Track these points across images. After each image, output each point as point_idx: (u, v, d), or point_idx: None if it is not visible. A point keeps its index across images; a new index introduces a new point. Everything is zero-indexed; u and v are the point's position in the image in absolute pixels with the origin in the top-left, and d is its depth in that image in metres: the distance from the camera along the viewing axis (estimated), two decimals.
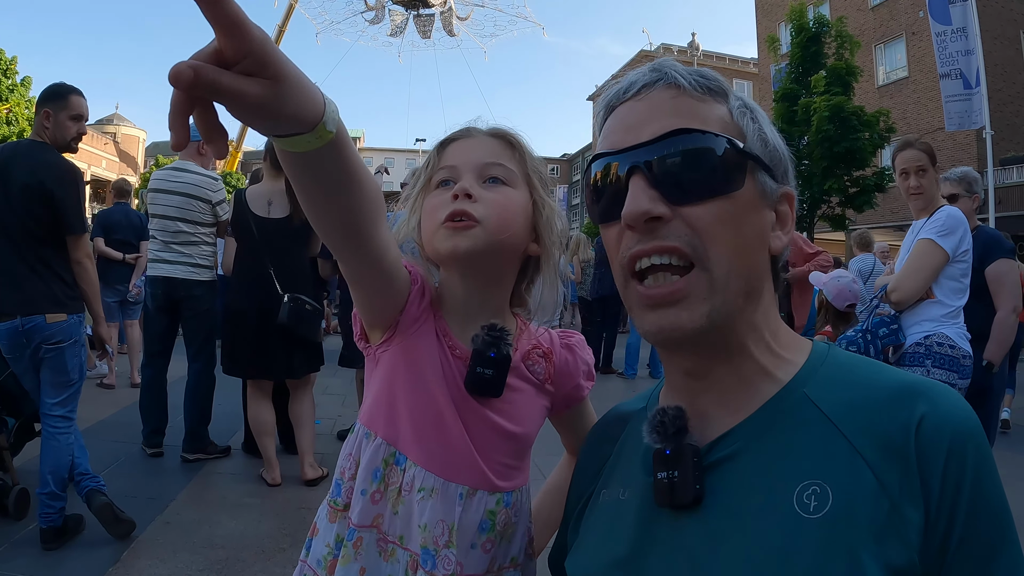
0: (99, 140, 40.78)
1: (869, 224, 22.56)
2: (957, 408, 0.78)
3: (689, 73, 0.90)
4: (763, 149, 0.89)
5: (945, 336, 3.54)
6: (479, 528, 1.20)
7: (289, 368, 4.92)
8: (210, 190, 5.46)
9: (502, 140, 1.28)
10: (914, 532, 0.73)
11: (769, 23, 33.87)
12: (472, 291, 1.25)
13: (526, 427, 1.27)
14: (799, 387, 0.86)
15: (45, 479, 3.62)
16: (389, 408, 1.22)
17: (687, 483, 0.84)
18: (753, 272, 0.87)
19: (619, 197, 0.87)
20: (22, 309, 3.61)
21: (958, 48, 14.11)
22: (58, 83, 3.92)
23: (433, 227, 1.21)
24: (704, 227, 0.83)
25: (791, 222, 0.92)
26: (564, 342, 1.38)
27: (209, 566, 3.56)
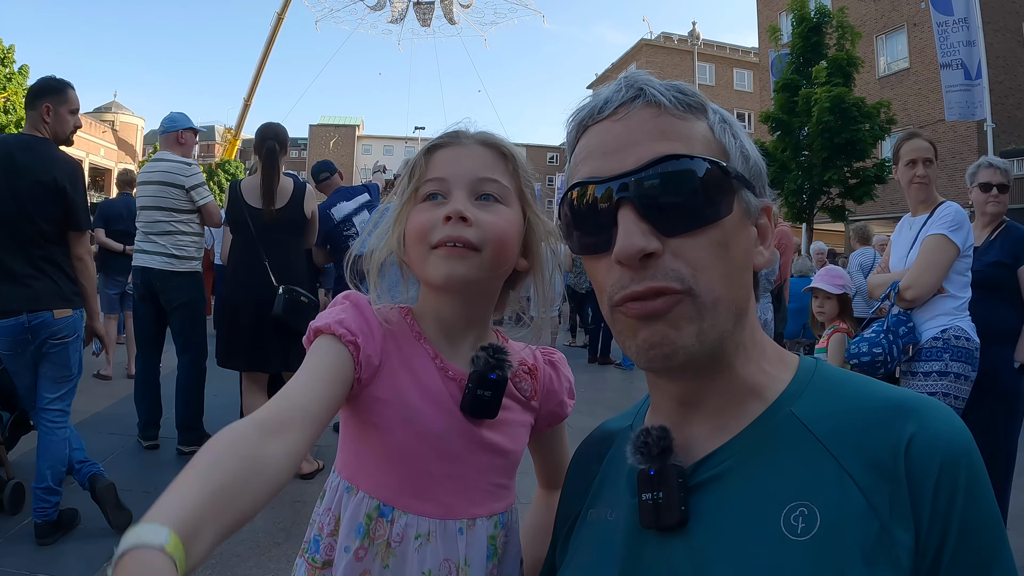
0: (97, 128, 40.59)
1: (868, 215, 22.52)
2: (948, 426, 0.77)
3: (667, 89, 0.86)
4: (745, 165, 0.87)
5: (961, 329, 3.52)
6: (486, 557, 1.17)
7: (285, 360, 4.90)
8: (182, 175, 5.39)
9: (494, 150, 1.20)
10: (904, 554, 0.71)
11: (770, 12, 33.71)
12: (458, 311, 1.20)
13: (515, 444, 1.24)
14: (786, 405, 0.84)
15: (43, 474, 3.62)
16: (376, 458, 1.16)
17: (672, 505, 0.82)
18: (741, 293, 0.85)
19: (605, 228, 0.83)
20: (28, 305, 3.59)
21: (960, 39, 14.07)
22: (52, 77, 3.92)
23: (423, 249, 1.13)
24: (695, 258, 0.81)
25: (771, 235, 0.90)
26: (547, 359, 1.33)
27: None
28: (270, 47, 43.10)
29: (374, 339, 1.13)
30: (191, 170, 5.48)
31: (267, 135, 5.04)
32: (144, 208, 5.36)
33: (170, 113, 5.67)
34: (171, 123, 5.58)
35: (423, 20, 35.53)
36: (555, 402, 1.31)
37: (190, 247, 5.46)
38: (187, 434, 5.34)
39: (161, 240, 5.33)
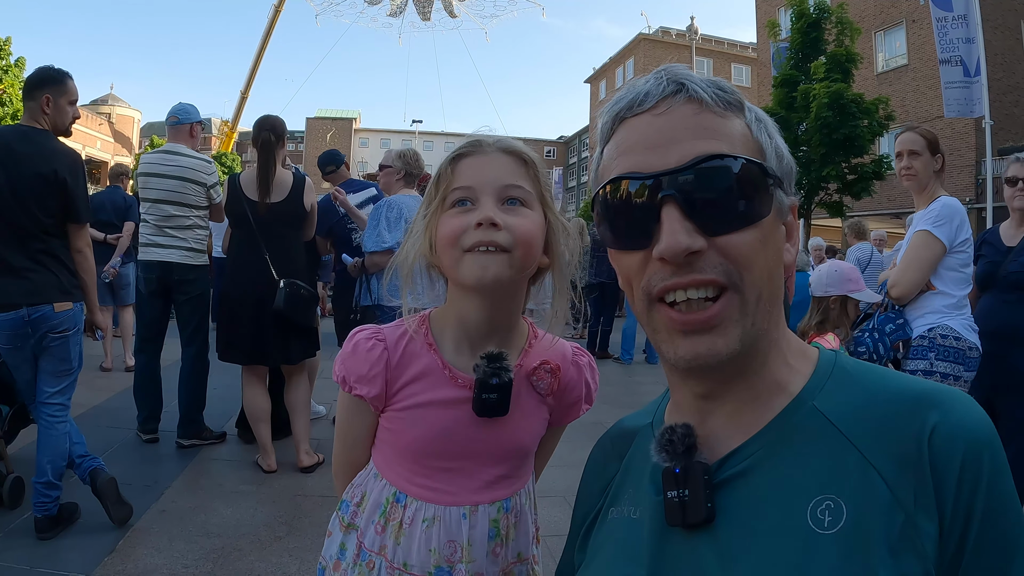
0: (94, 121, 40.49)
1: (866, 211, 22.57)
2: (971, 416, 0.77)
3: (708, 85, 0.86)
4: (779, 164, 0.87)
5: (949, 328, 3.48)
6: (488, 538, 1.32)
7: (285, 354, 4.91)
8: (204, 173, 5.44)
9: (515, 158, 1.29)
10: (929, 543, 0.72)
11: (769, 8, 33.71)
12: (484, 314, 1.29)
13: (528, 439, 1.38)
14: (809, 399, 0.84)
15: (43, 468, 3.60)
16: (394, 454, 1.36)
17: (698, 502, 0.83)
18: (777, 290, 0.86)
19: (645, 224, 0.83)
20: (29, 299, 3.57)
21: (959, 35, 14.07)
22: (50, 67, 3.87)
23: (456, 253, 1.23)
24: (740, 256, 0.81)
25: (797, 232, 0.91)
26: (575, 359, 1.43)
27: (205, 555, 3.55)
28: (267, 40, 43.12)
29: (377, 377, 1.32)
30: (211, 168, 5.52)
31: (263, 127, 5.03)
32: (159, 202, 5.32)
33: (181, 104, 5.62)
34: (185, 114, 5.55)
35: (423, 14, 35.53)
36: (569, 402, 1.43)
37: (204, 240, 5.54)
38: (187, 427, 5.34)
39: (181, 234, 5.34)
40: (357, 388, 1.32)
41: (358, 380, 1.32)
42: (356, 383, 1.32)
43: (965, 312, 3.54)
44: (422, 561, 1.29)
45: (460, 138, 1.37)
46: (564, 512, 1.13)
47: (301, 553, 3.62)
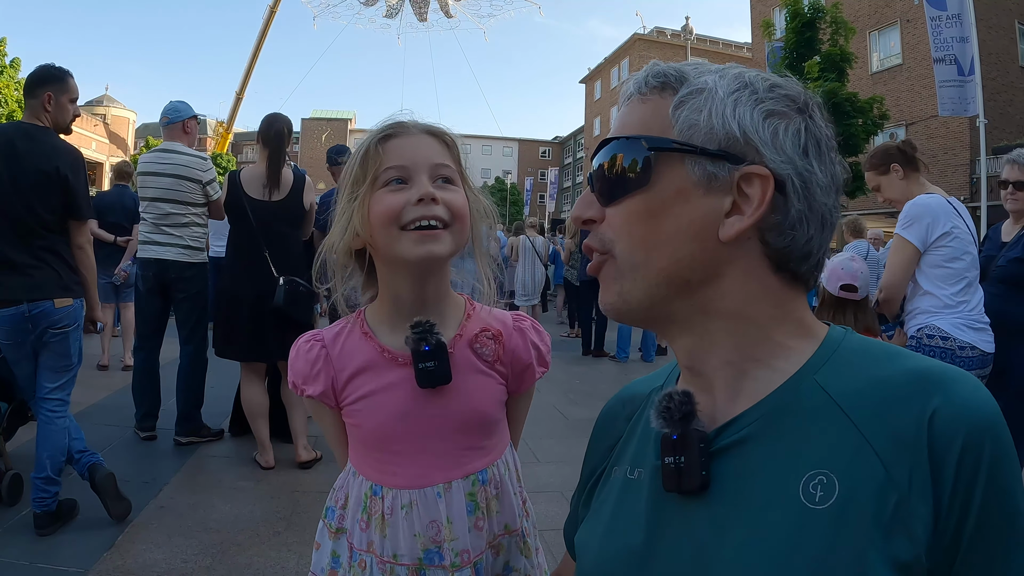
0: (89, 122, 40.49)
1: (862, 211, 22.57)
2: (975, 398, 0.75)
3: (646, 74, 0.92)
4: (707, 133, 0.85)
5: (937, 328, 3.48)
6: (467, 512, 1.34)
7: (283, 350, 4.87)
8: (199, 170, 5.42)
9: (439, 139, 1.36)
10: (921, 528, 0.71)
11: (763, 8, 33.77)
12: (420, 290, 1.34)
13: (484, 406, 1.39)
14: (810, 374, 0.84)
15: (42, 464, 3.61)
16: (360, 448, 1.40)
17: (693, 469, 0.83)
18: (681, 262, 0.85)
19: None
20: (29, 295, 3.58)
21: (953, 34, 14.07)
22: (51, 65, 3.89)
23: (393, 231, 1.27)
24: (616, 224, 0.89)
25: (757, 203, 0.83)
26: (516, 324, 1.47)
27: (204, 550, 3.56)
28: (262, 40, 43.03)
29: (319, 374, 1.37)
30: (207, 164, 5.50)
31: (278, 120, 5.06)
32: (155, 200, 5.32)
33: (172, 102, 5.61)
34: (176, 113, 5.54)
35: (419, 14, 35.51)
36: (521, 367, 1.45)
37: (202, 238, 5.53)
38: (185, 424, 5.34)
39: (177, 232, 5.34)
40: (306, 389, 1.37)
41: (304, 381, 1.38)
42: (303, 384, 1.38)
43: (960, 309, 3.50)
44: (410, 548, 1.30)
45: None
46: (562, 507, 1.14)
47: (299, 548, 3.63)
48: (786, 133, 0.85)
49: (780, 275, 0.87)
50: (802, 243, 0.85)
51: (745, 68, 0.91)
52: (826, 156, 0.88)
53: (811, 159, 0.86)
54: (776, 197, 0.83)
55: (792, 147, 0.85)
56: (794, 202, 0.84)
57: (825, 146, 0.88)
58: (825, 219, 0.87)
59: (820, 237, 0.87)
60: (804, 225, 0.85)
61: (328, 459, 5.05)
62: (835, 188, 0.88)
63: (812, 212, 0.85)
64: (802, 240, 0.85)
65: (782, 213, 0.84)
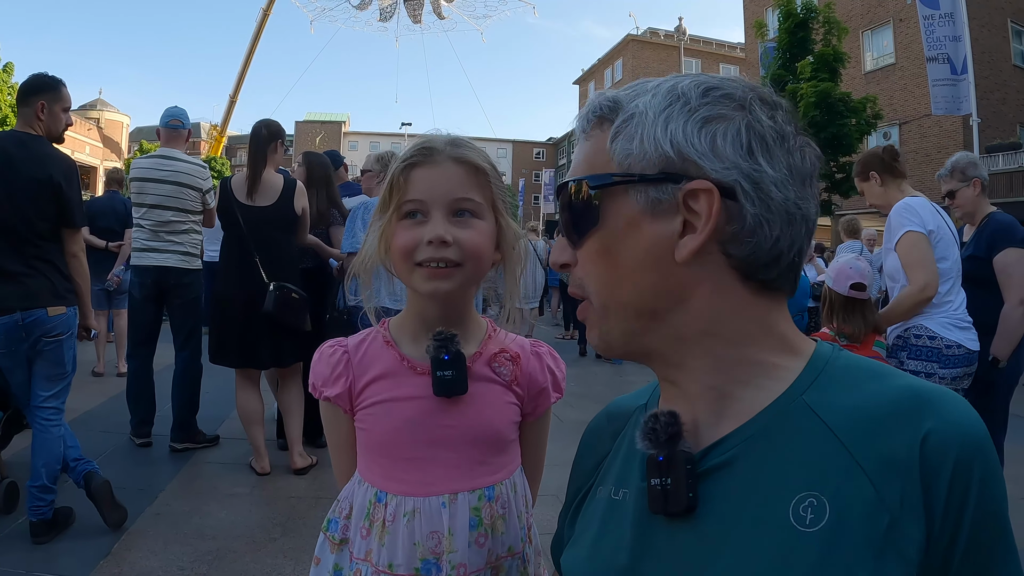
0: (83, 126, 40.30)
1: (855, 210, 22.61)
2: (965, 419, 0.75)
3: (586, 111, 0.92)
4: (642, 159, 0.84)
5: (924, 327, 3.50)
6: (470, 527, 1.33)
7: (276, 356, 4.91)
8: (200, 178, 5.47)
9: (467, 167, 1.35)
10: (914, 548, 0.71)
11: (756, 8, 33.80)
12: (440, 311, 1.37)
13: (497, 423, 1.41)
14: (798, 393, 0.82)
15: (38, 472, 3.61)
16: (370, 454, 1.40)
17: (680, 491, 0.82)
18: (644, 293, 0.85)
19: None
20: (22, 303, 3.58)
21: (945, 33, 14.11)
22: (44, 74, 3.90)
23: (408, 265, 1.32)
24: (584, 267, 0.91)
25: (706, 217, 0.80)
26: (534, 349, 1.50)
27: (200, 557, 3.56)
28: (256, 43, 42.95)
29: (339, 377, 1.39)
30: (207, 173, 5.56)
31: (258, 123, 5.08)
32: (155, 207, 5.32)
33: (176, 108, 5.62)
34: (186, 119, 5.57)
35: (414, 17, 35.48)
36: (537, 389, 1.47)
37: (199, 245, 5.59)
38: (181, 431, 5.34)
39: (178, 239, 5.37)
40: (324, 391, 1.40)
41: (324, 383, 1.40)
42: (323, 386, 1.40)
43: (945, 309, 3.53)
44: (408, 558, 1.30)
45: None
46: (556, 510, 1.16)
47: (296, 554, 3.63)
48: (725, 138, 0.82)
49: (751, 285, 0.84)
50: (767, 247, 0.82)
51: (682, 77, 0.89)
52: (776, 150, 0.83)
53: (758, 157, 0.82)
54: (729, 205, 0.81)
55: (734, 150, 0.82)
56: (747, 207, 0.81)
57: (773, 139, 0.83)
58: (791, 214, 0.83)
59: (789, 234, 0.83)
60: (765, 227, 0.81)
61: (324, 465, 5.05)
62: (798, 179, 0.84)
63: (772, 211, 0.81)
64: (767, 243, 0.82)
65: (738, 221, 0.81)
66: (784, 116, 0.85)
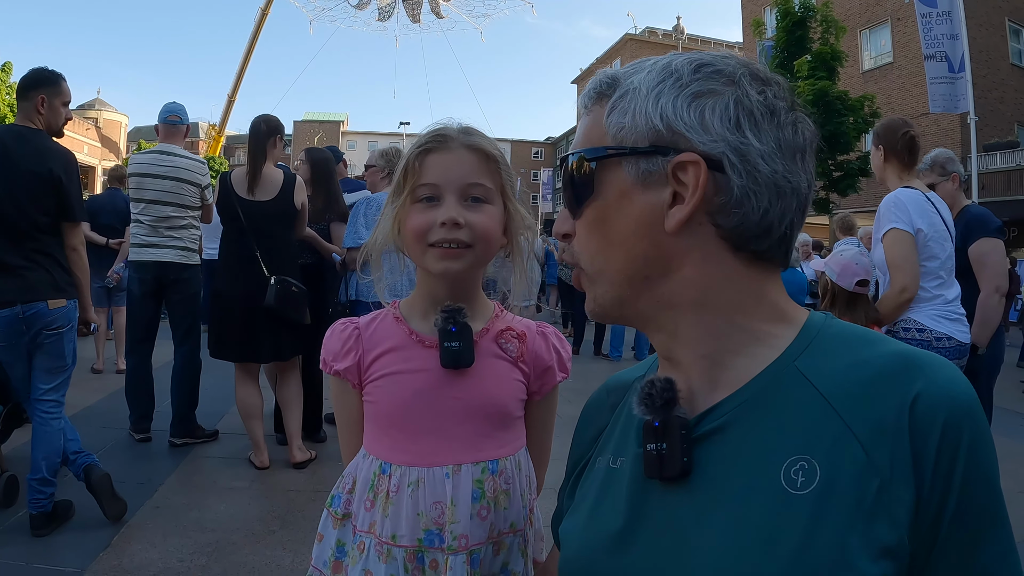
0: (81, 125, 40.29)
1: (853, 208, 22.62)
2: (954, 383, 0.76)
3: (589, 87, 0.96)
4: (634, 133, 0.87)
5: (913, 321, 3.52)
6: (472, 498, 1.34)
7: (276, 351, 4.92)
8: (199, 174, 5.48)
9: (479, 154, 1.39)
10: (904, 511, 0.72)
11: (754, 7, 33.80)
12: (449, 290, 1.41)
13: (503, 397, 1.43)
14: (790, 360, 0.84)
15: (38, 465, 3.62)
16: (377, 427, 1.42)
17: (675, 456, 0.84)
18: (636, 261, 0.89)
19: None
20: (23, 296, 3.60)
21: (943, 31, 14.09)
22: (44, 68, 3.91)
23: (421, 246, 1.36)
24: (580, 236, 0.95)
25: (692, 189, 0.83)
26: (540, 329, 1.53)
27: (199, 550, 3.57)
28: (254, 43, 42.90)
29: (349, 352, 1.43)
30: (206, 168, 5.58)
31: (257, 119, 5.09)
32: (154, 202, 5.34)
33: (174, 104, 5.63)
34: (186, 116, 5.58)
35: (413, 16, 35.45)
36: (543, 367, 1.50)
37: (197, 241, 5.61)
38: (180, 426, 5.35)
39: (176, 234, 5.39)
40: (334, 365, 1.43)
41: (334, 358, 1.43)
42: (333, 361, 1.44)
43: (935, 302, 3.55)
44: (411, 528, 1.32)
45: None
46: (554, 503, 1.18)
47: (295, 546, 3.65)
48: (713, 112, 0.84)
49: (741, 255, 0.86)
50: (756, 218, 0.84)
51: (677, 55, 0.90)
52: (764, 124, 0.85)
53: (745, 131, 0.84)
54: (718, 177, 0.83)
55: (722, 124, 0.84)
56: (735, 179, 0.83)
57: (761, 114, 0.85)
58: (780, 187, 0.84)
59: (778, 207, 0.85)
60: (752, 198, 0.83)
61: (322, 459, 5.07)
62: (788, 152, 0.85)
63: (759, 184, 0.83)
64: (755, 216, 0.84)
65: (726, 192, 0.83)
66: (776, 91, 0.87)
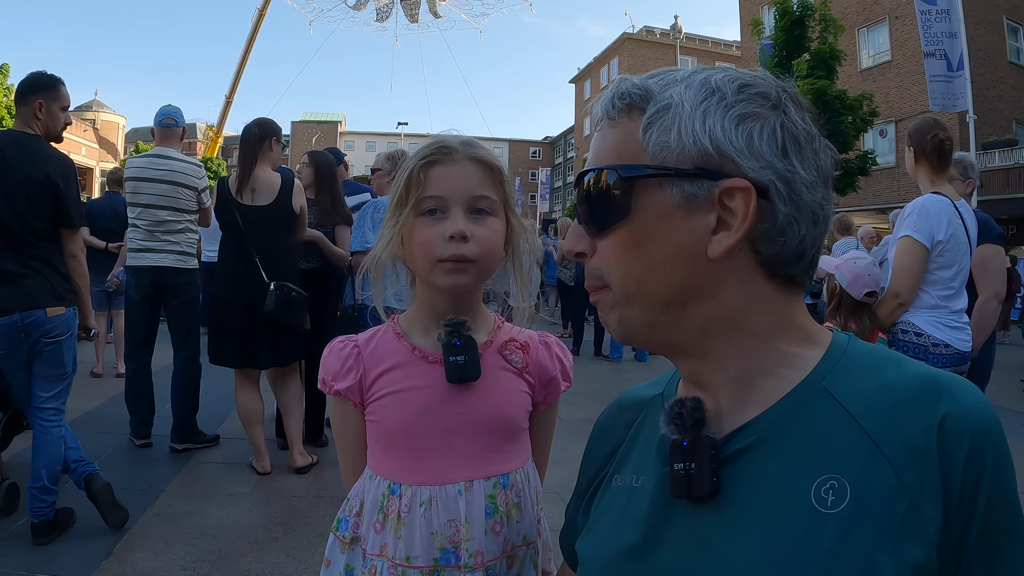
0: (78, 127, 40.26)
1: (852, 207, 22.66)
2: (978, 404, 0.77)
3: (612, 96, 0.91)
4: (679, 153, 0.83)
5: (911, 324, 3.51)
6: (486, 514, 1.33)
7: (276, 356, 4.91)
8: (195, 177, 5.45)
9: (483, 166, 1.38)
10: (933, 528, 0.73)
11: (753, 6, 33.82)
12: (453, 304, 1.39)
13: (510, 409, 1.42)
14: (818, 381, 0.84)
15: (39, 473, 3.60)
16: (383, 447, 1.40)
17: (704, 475, 0.83)
18: (674, 287, 0.86)
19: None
20: (21, 304, 3.58)
21: (942, 29, 14.10)
22: (43, 72, 3.89)
23: (428, 260, 1.33)
24: (607, 256, 0.90)
25: (742, 217, 0.81)
26: (542, 340, 1.52)
27: (202, 557, 3.56)
28: (251, 44, 42.94)
29: (350, 371, 1.40)
30: (202, 171, 5.53)
31: (249, 124, 5.07)
32: (150, 207, 5.31)
33: (169, 107, 5.59)
34: (181, 119, 5.55)
35: (411, 16, 35.46)
36: (548, 377, 1.49)
37: (194, 244, 5.57)
38: (181, 432, 5.34)
39: (173, 239, 5.35)
40: (335, 384, 1.40)
41: (334, 377, 1.41)
42: (333, 380, 1.41)
43: (939, 312, 3.52)
44: (426, 548, 1.30)
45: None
46: (558, 508, 1.18)
47: (298, 553, 3.64)
48: (761, 136, 0.82)
49: (776, 281, 0.86)
50: (794, 245, 0.84)
51: (713, 70, 0.89)
52: (807, 150, 0.85)
53: (792, 158, 0.83)
54: (762, 204, 0.82)
55: (770, 150, 0.82)
56: (780, 207, 0.82)
57: (804, 140, 0.85)
58: (816, 215, 0.85)
59: (813, 234, 0.85)
60: (794, 227, 0.83)
61: (324, 463, 5.06)
62: (823, 180, 0.86)
63: (801, 212, 0.83)
64: (794, 243, 0.83)
65: (770, 220, 0.82)
66: (811, 116, 0.87)
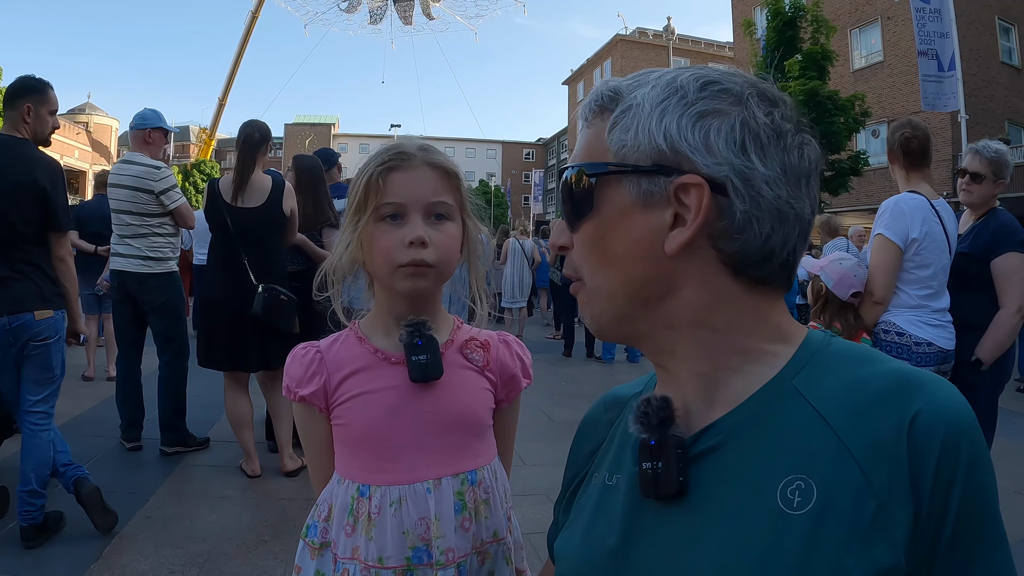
0: (71, 130, 40.10)
1: (844, 207, 22.74)
2: (952, 402, 0.76)
3: (590, 98, 0.94)
4: (637, 151, 0.85)
5: (893, 324, 3.51)
6: (455, 511, 1.36)
7: (265, 359, 4.90)
8: (151, 180, 5.27)
9: (441, 171, 1.41)
10: (901, 532, 0.71)
11: (745, 7, 33.85)
12: (413, 307, 1.42)
13: (475, 407, 1.45)
14: (788, 378, 0.83)
15: (27, 477, 3.60)
16: (350, 450, 1.41)
17: (671, 474, 0.83)
18: (634, 281, 0.88)
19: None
20: (9, 308, 3.57)
21: (934, 29, 14.15)
22: (31, 77, 3.89)
23: (388, 265, 1.36)
24: (578, 250, 0.94)
25: (695, 213, 0.81)
26: (501, 339, 1.56)
27: (191, 560, 3.56)
28: (244, 46, 42.95)
29: (313, 376, 1.41)
30: (160, 174, 5.34)
31: (249, 125, 5.04)
32: (116, 211, 5.31)
33: (143, 110, 5.56)
34: (142, 120, 5.47)
35: (405, 18, 35.46)
36: (508, 375, 1.52)
37: (165, 248, 5.42)
38: (169, 434, 5.32)
39: (135, 243, 5.29)
40: (299, 391, 1.42)
41: (298, 384, 1.42)
42: (297, 387, 1.42)
43: (920, 311, 3.51)
44: (397, 548, 1.31)
45: (437, 142, 1.50)
46: (548, 510, 1.19)
47: (286, 556, 3.63)
48: (719, 133, 0.82)
49: (742, 280, 0.85)
50: (758, 244, 0.82)
51: (684, 70, 0.89)
52: (770, 148, 0.83)
53: (751, 155, 0.82)
54: (720, 201, 0.81)
55: (727, 146, 0.82)
56: (737, 203, 0.81)
57: (767, 137, 0.83)
58: (783, 212, 0.83)
59: (780, 233, 0.83)
60: (754, 224, 0.82)
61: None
62: (792, 178, 0.84)
63: (762, 209, 0.82)
64: (757, 241, 0.82)
65: (728, 217, 0.82)
66: (784, 112, 0.86)
